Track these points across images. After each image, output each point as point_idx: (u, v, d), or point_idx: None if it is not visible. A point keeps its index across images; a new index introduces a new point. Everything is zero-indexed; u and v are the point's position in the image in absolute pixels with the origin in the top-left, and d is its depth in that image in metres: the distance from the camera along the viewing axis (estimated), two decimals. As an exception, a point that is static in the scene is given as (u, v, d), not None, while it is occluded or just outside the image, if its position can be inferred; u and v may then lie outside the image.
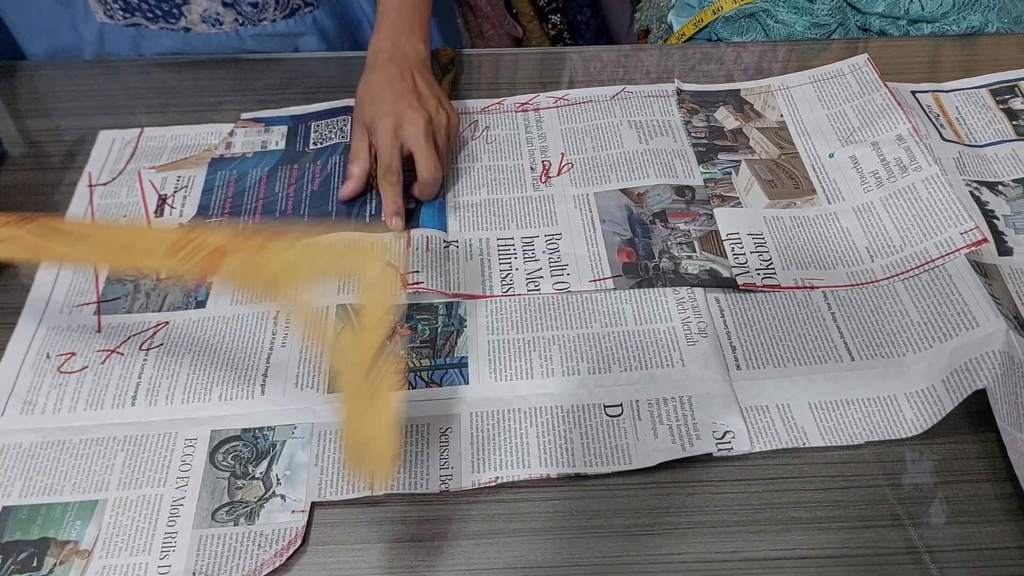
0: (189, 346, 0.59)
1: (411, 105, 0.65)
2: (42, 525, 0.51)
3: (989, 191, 0.67)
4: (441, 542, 0.50)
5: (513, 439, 0.54)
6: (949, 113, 0.75)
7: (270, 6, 0.76)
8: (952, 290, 0.58)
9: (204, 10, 0.75)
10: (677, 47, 0.85)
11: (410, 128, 0.64)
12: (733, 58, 0.82)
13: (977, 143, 0.72)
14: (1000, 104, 0.76)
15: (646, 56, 0.83)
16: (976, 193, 0.67)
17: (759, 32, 0.90)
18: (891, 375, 0.56)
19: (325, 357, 0.50)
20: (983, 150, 0.72)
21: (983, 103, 0.76)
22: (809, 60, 0.80)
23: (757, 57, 0.81)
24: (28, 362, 0.58)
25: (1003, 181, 0.69)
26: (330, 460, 0.53)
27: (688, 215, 0.66)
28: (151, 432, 0.55)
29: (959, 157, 0.69)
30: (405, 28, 0.69)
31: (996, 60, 0.81)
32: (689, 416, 0.55)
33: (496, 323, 0.60)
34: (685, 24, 0.95)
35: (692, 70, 0.80)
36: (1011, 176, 0.69)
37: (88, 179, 0.70)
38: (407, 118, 0.64)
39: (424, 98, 0.66)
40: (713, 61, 0.81)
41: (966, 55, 0.83)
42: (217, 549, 0.50)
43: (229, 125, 0.74)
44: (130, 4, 0.75)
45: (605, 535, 0.50)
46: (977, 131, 0.74)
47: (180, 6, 0.75)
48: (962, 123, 0.74)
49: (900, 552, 0.50)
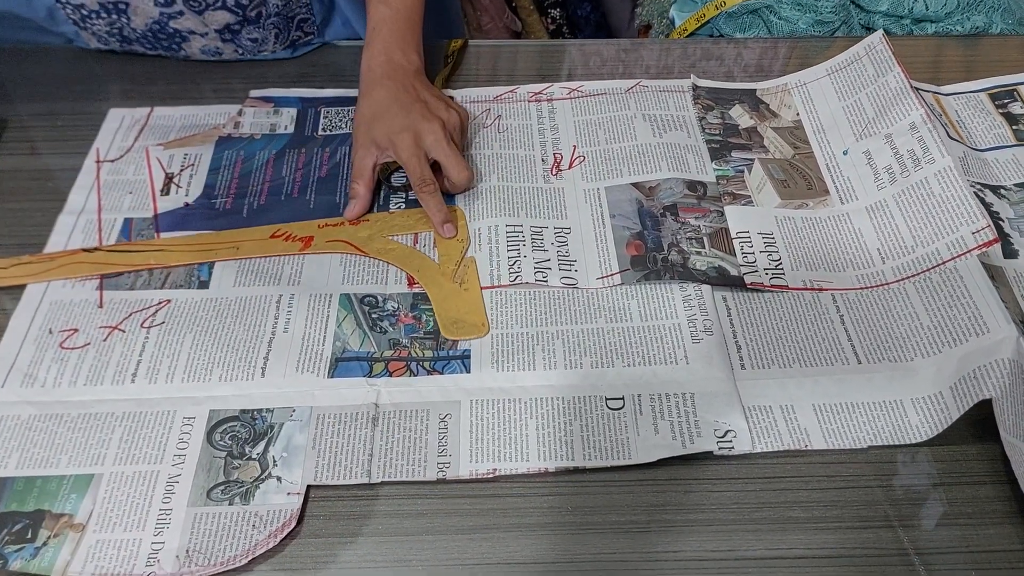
0: (191, 326, 0.59)
1: (423, 116, 0.65)
2: (37, 497, 0.50)
3: (993, 194, 0.66)
4: (436, 536, 0.50)
5: (512, 430, 0.54)
6: (950, 115, 0.74)
7: (269, 41, 0.76)
8: (963, 293, 0.57)
9: (203, 45, 0.75)
10: (678, 42, 0.84)
11: (430, 138, 0.64)
12: (735, 55, 0.81)
13: (977, 147, 0.71)
14: (1000, 109, 0.75)
15: (647, 51, 0.82)
16: (980, 195, 0.66)
17: (762, 29, 0.89)
18: (898, 379, 0.55)
19: (418, 270, 0.62)
20: (983, 154, 0.71)
21: (982, 107, 0.75)
22: (812, 57, 0.79)
23: (759, 54, 0.80)
24: (31, 336, 0.58)
25: (1005, 185, 0.68)
26: (327, 444, 0.53)
27: (699, 211, 0.66)
28: (150, 409, 0.55)
29: (964, 157, 0.68)
30: (398, 41, 0.69)
31: (999, 62, 0.80)
32: (691, 413, 0.54)
33: (501, 316, 0.59)
34: (687, 19, 0.94)
35: (693, 67, 0.79)
36: (1013, 180, 0.68)
37: (96, 155, 0.70)
38: (424, 129, 0.64)
39: (432, 105, 0.67)
40: (714, 57, 0.80)
41: (969, 56, 0.82)
42: (211, 528, 0.49)
43: (238, 106, 0.74)
44: (127, 38, 0.75)
45: (601, 532, 0.50)
46: (977, 135, 0.73)
47: (179, 42, 0.75)
48: (962, 126, 0.73)
49: (898, 553, 0.49)
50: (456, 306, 0.60)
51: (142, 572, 0.48)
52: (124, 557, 0.48)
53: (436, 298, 0.60)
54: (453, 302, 0.60)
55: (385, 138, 0.64)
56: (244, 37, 0.75)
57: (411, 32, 0.70)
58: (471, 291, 0.61)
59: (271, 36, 0.76)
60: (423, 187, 0.64)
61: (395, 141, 0.64)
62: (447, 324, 0.59)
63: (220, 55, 0.77)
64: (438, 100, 0.68)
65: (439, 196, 0.64)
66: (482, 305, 0.60)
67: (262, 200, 0.67)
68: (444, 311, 0.59)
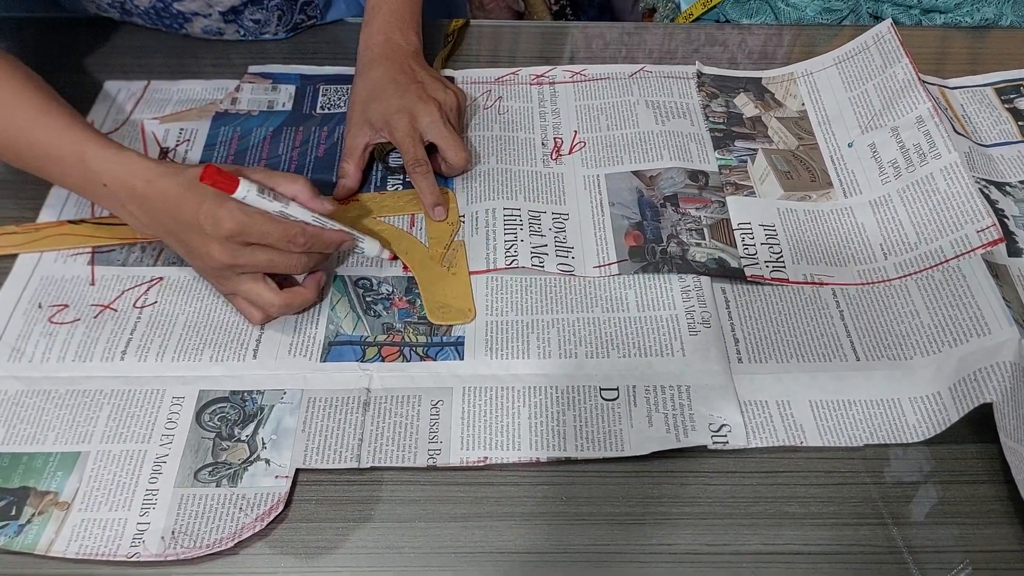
0: (183, 306, 0.58)
1: (420, 97, 0.64)
2: (23, 474, 0.50)
3: (998, 190, 0.66)
4: (428, 522, 0.49)
5: (504, 418, 0.53)
6: (956, 109, 0.73)
7: (272, 22, 0.75)
8: (965, 292, 0.57)
9: (205, 25, 0.74)
10: (683, 27, 0.83)
11: (426, 119, 0.63)
12: (739, 41, 0.80)
13: (983, 143, 0.70)
14: (1006, 104, 0.74)
15: (651, 35, 0.81)
16: (985, 191, 0.65)
17: (769, 15, 0.88)
18: (896, 378, 0.55)
19: (407, 252, 0.61)
20: (989, 150, 0.70)
21: (988, 102, 0.74)
22: (818, 45, 0.78)
23: (765, 41, 0.79)
24: (19, 310, 0.57)
25: (1011, 182, 0.67)
26: (318, 427, 0.52)
27: (700, 201, 0.65)
28: (139, 388, 0.54)
29: (969, 153, 0.67)
30: (398, 21, 0.68)
31: (1007, 55, 0.79)
32: (686, 406, 0.53)
33: (496, 303, 0.59)
34: (693, 4, 0.92)
35: (697, 52, 0.78)
36: (1018, 177, 0.67)
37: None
38: (421, 110, 0.64)
39: (429, 86, 0.66)
40: (719, 43, 0.79)
41: (976, 49, 0.81)
42: (197, 509, 0.49)
43: (236, 81, 0.73)
44: (128, 11, 0.74)
45: (595, 522, 0.50)
46: (983, 130, 0.72)
47: (182, 21, 0.74)
48: (968, 120, 0.72)
49: (893, 551, 0.49)
50: (443, 290, 0.59)
51: (127, 552, 0.47)
52: (109, 537, 0.48)
53: (423, 281, 0.60)
54: (440, 286, 0.59)
55: (380, 119, 0.64)
56: (247, 18, 0.74)
57: (411, 13, 0.69)
58: (459, 276, 0.60)
59: (274, 18, 0.75)
60: (416, 168, 0.63)
61: (390, 122, 0.63)
62: (433, 308, 0.58)
63: (221, 35, 0.76)
64: (435, 81, 0.67)
65: (432, 178, 0.64)
66: (470, 291, 0.59)
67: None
68: (431, 295, 0.59)
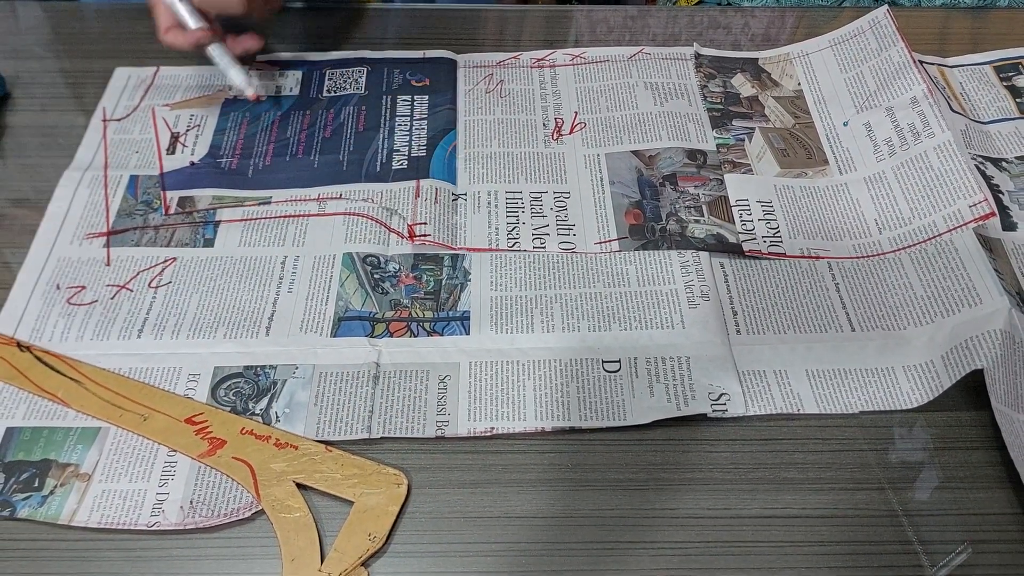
0: (196, 284, 0.59)
1: None
2: (44, 447, 0.51)
3: (994, 166, 0.67)
4: (438, 489, 0.51)
5: (510, 391, 0.55)
6: (954, 87, 0.74)
7: None
8: (958, 264, 0.58)
9: None
10: (685, 10, 0.84)
11: None
12: (742, 24, 0.81)
13: (981, 120, 0.72)
14: (1004, 82, 0.75)
15: (654, 19, 0.82)
16: (981, 167, 0.66)
17: (770, -4, 0.89)
18: (890, 347, 0.56)
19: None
20: (986, 127, 0.71)
21: (987, 80, 0.75)
22: (819, 27, 0.79)
23: (766, 23, 0.81)
24: (38, 292, 0.59)
25: (1007, 158, 0.68)
26: (329, 401, 0.54)
27: (698, 179, 0.66)
28: (156, 365, 0.55)
29: (965, 130, 0.69)
30: None
31: (1006, 35, 0.80)
32: (686, 376, 0.55)
33: (500, 279, 0.60)
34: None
35: (699, 35, 0.79)
36: (1014, 153, 0.69)
37: (103, 114, 0.70)
38: None
39: None
40: (721, 26, 0.80)
41: (976, 28, 0.82)
42: (214, 480, 0.50)
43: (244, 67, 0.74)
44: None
45: (600, 488, 0.51)
46: (981, 108, 0.73)
47: None
48: (966, 99, 0.74)
49: (889, 515, 0.50)
50: None
51: (147, 521, 0.49)
52: (129, 507, 0.49)
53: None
54: None
55: None
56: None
57: None
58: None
59: None
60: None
61: None
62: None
63: None
64: None
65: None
66: None
67: (267, 161, 0.67)
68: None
